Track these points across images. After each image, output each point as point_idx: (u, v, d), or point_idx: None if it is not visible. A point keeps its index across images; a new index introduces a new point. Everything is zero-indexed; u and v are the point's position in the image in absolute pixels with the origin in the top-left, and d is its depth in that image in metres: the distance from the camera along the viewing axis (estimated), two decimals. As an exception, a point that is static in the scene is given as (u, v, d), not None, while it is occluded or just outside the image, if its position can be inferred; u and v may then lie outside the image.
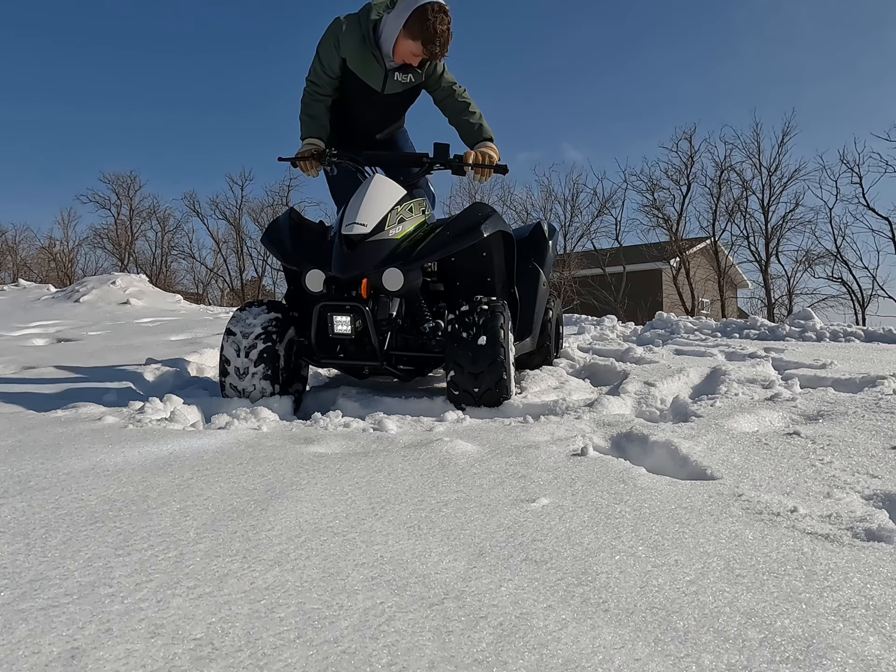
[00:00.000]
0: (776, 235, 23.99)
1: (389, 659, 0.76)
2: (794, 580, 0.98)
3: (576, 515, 1.25)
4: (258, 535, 1.12)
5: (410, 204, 2.59)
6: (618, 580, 0.97)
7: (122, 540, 1.09)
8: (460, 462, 1.62)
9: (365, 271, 2.36)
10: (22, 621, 0.82)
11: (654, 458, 1.74)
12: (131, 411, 2.15)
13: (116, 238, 30.63)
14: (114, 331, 5.37)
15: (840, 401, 2.39)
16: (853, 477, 1.51)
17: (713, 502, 1.33)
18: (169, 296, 10.06)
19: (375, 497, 1.34)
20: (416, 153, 2.80)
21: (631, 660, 0.77)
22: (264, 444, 1.77)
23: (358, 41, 2.66)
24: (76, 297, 8.73)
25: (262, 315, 2.48)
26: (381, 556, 1.05)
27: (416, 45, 2.59)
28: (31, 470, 1.48)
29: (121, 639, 0.79)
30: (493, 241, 2.69)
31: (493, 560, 1.04)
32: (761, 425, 2.09)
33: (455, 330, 2.40)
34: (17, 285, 11.39)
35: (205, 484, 1.41)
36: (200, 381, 2.99)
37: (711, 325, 6.01)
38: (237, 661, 0.75)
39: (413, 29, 2.56)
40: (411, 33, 2.57)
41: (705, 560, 1.05)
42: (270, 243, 2.60)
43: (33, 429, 1.88)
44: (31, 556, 1.02)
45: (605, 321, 7.28)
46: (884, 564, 1.04)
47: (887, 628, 0.85)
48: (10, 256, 30.32)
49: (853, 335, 5.25)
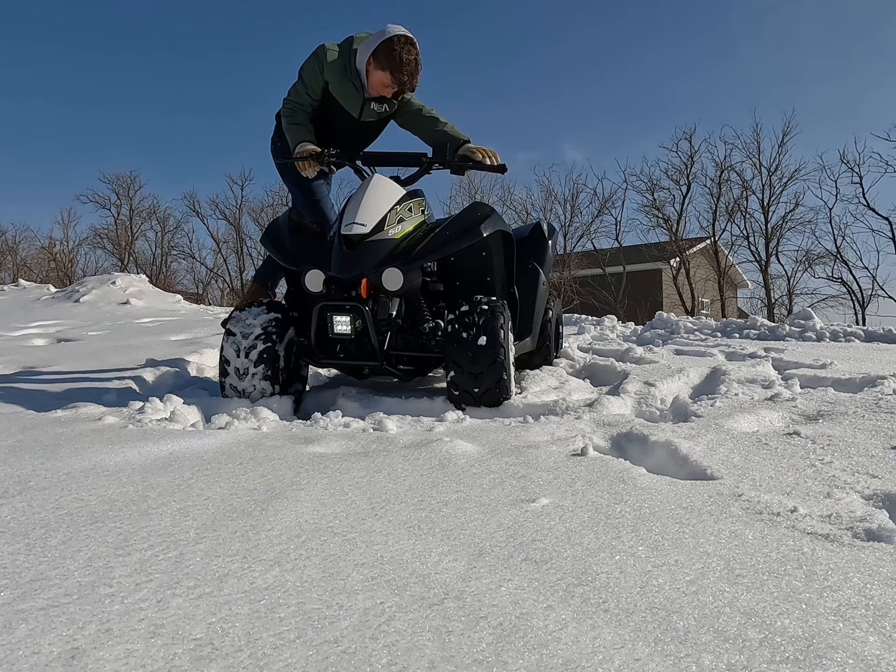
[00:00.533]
0: (776, 235, 23.99)
1: (389, 659, 0.76)
2: (794, 580, 0.98)
3: (576, 515, 1.25)
4: (258, 535, 1.12)
5: (410, 204, 2.59)
6: (618, 580, 0.97)
7: (122, 540, 1.09)
8: (460, 462, 1.62)
9: (364, 271, 2.36)
10: (22, 621, 0.82)
11: (654, 458, 1.74)
12: (131, 411, 2.15)
13: (116, 238, 30.63)
14: (114, 331, 5.37)
15: (840, 401, 2.39)
16: (853, 477, 1.51)
17: (713, 502, 1.33)
18: (169, 296, 10.06)
19: (375, 497, 1.34)
20: (415, 153, 2.80)
21: (631, 660, 0.77)
22: (264, 444, 1.77)
23: (340, 68, 2.79)
24: (76, 297, 8.73)
25: (261, 315, 2.48)
26: (381, 556, 1.05)
27: (386, 76, 2.72)
28: (31, 470, 1.48)
29: (121, 639, 0.79)
30: (493, 240, 2.69)
31: (493, 560, 1.04)
32: (761, 425, 2.09)
33: (455, 330, 2.40)
34: (17, 285, 11.39)
35: (205, 484, 1.41)
36: (200, 381, 2.99)
37: (711, 325, 6.01)
38: (237, 661, 0.75)
39: (381, 60, 2.69)
40: (380, 64, 2.70)
41: (705, 560, 1.05)
42: (270, 243, 2.60)
43: (33, 429, 1.88)
44: (31, 556, 1.02)
45: (605, 321, 7.28)
46: (884, 564, 1.04)
47: (887, 628, 0.85)
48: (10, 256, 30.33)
49: (853, 335, 5.25)
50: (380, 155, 2.90)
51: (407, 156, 2.82)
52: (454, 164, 2.75)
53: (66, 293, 9.39)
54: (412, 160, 2.80)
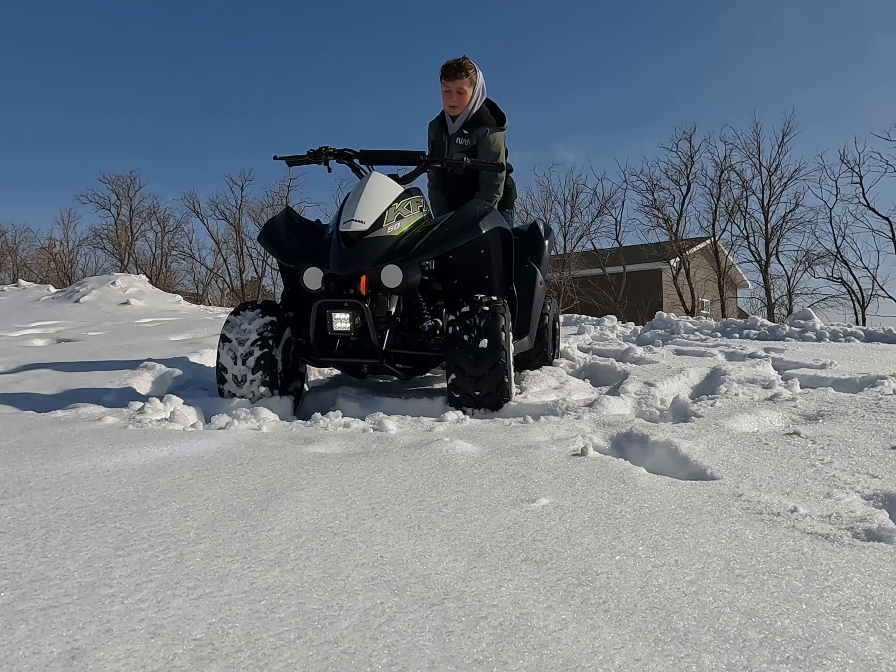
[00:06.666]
0: (776, 235, 23.96)
1: (389, 659, 0.76)
2: (794, 580, 0.98)
3: (576, 515, 1.25)
4: (258, 536, 1.12)
5: (408, 201, 2.59)
6: (618, 580, 0.97)
7: (122, 540, 1.09)
8: (460, 462, 1.61)
9: (363, 268, 2.36)
10: (22, 621, 0.82)
11: (654, 458, 1.74)
12: (131, 412, 2.15)
13: (116, 238, 30.59)
14: (114, 331, 5.37)
15: (840, 401, 2.39)
16: (853, 477, 1.51)
17: (713, 502, 1.33)
18: (169, 296, 10.05)
19: (375, 497, 1.34)
20: (413, 151, 2.80)
21: (631, 660, 0.77)
22: (264, 445, 1.77)
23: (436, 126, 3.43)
24: (76, 298, 8.72)
25: (256, 320, 2.45)
26: (382, 557, 1.05)
27: (442, 84, 3.21)
28: (31, 470, 1.48)
29: (121, 639, 0.79)
30: (492, 238, 2.68)
31: (493, 560, 1.04)
32: (761, 425, 2.09)
33: (456, 332, 2.39)
34: (17, 286, 11.39)
35: (205, 484, 1.41)
36: (200, 381, 2.99)
37: (711, 325, 6.01)
38: (237, 661, 0.75)
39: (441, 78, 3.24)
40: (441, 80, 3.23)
41: (705, 560, 1.05)
42: (267, 242, 2.59)
43: (33, 429, 1.88)
44: (31, 556, 1.02)
45: (605, 321, 7.28)
46: (884, 564, 1.04)
47: (887, 628, 0.85)
48: (10, 257, 30.32)
49: (853, 335, 5.25)
50: (378, 153, 2.90)
51: (405, 154, 2.82)
52: (452, 162, 2.76)
53: (65, 293, 9.39)
54: (410, 158, 2.81)
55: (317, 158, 2.79)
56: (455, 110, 3.24)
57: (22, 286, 11.25)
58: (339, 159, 2.84)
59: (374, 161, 2.85)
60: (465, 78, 3.17)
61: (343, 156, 2.83)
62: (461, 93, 3.19)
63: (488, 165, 2.87)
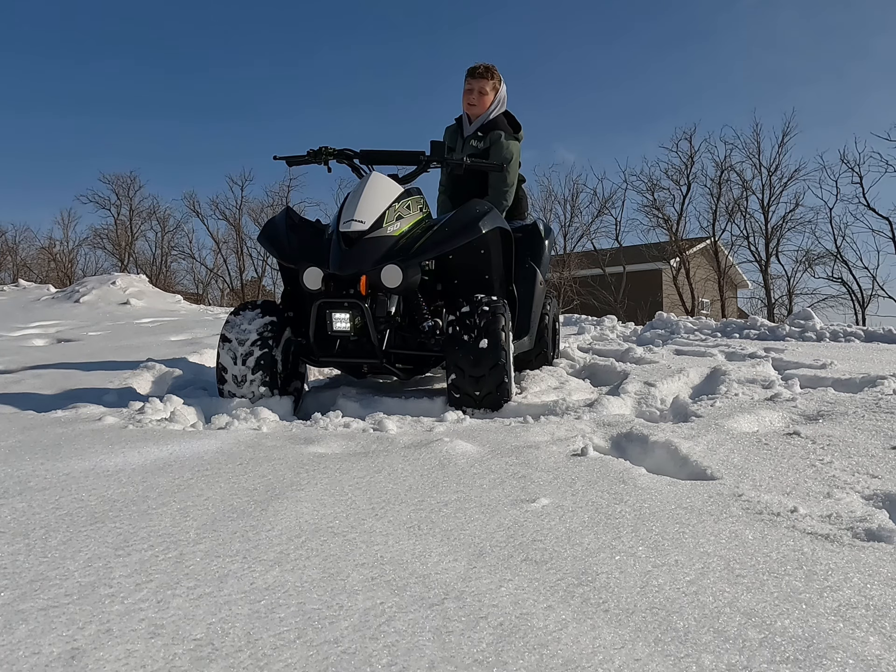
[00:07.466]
0: (776, 235, 23.96)
1: (389, 659, 0.76)
2: (794, 580, 0.98)
3: (576, 515, 1.25)
4: (258, 536, 1.12)
5: (408, 201, 2.59)
6: (618, 580, 0.97)
7: (122, 540, 1.09)
8: (460, 462, 1.61)
9: (363, 268, 2.36)
10: (22, 621, 0.82)
11: (654, 459, 1.74)
12: (131, 412, 2.15)
13: (116, 238, 30.58)
14: (114, 331, 5.37)
15: (840, 401, 2.39)
16: (853, 477, 1.51)
17: (713, 502, 1.33)
18: (169, 296, 10.06)
19: (375, 497, 1.34)
20: (413, 151, 2.80)
21: (631, 660, 0.77)
22: (264, 445, 1.77)
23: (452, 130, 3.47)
24: (76, 298, 8.73)
25: (256, 320, 2.44)
26: (381, 557, 1.05)
27: (466, 82, 3.24)
28: (31, 470, 1.48)
29: (121, 639, 0.79)
30: (492, 237, 2.68)
31: (493, 560, 1.04)
32: (761, 425, 2.09)
33: (456, 332, 2.39)
34: (17, 285, 11.39)
35: (205, 484, 1.41)
36: (200, 381, 2.98)
37: (711, 325, 6.01)
38: (237, 661, 0.75)
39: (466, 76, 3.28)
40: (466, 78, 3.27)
41: (705, 560, 1.05)
42: (267, 242, 2.58)
43: (33, 429, 1.88)
44: (31, 556, 1.02)
45: (605, 321, 7.28)
46: (884, 564, 1.04)
47: (887, 628, 0.85)
48: (10, 257, 30.31)
49: (853, 335, 5.25)
50: (378, 153, 2.90)
51: (405, 154, 2.82)
52: (452, 161, 2.76)
53: (65, 293, 9.39)
54: (410, 158, 2.81)
55: (317, 158, 2.79)
56: (473, 109, 3.25)
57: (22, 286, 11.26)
58: (339, 159, 2.84)
59: (373, 161, 2.85)
60: (490, 80, 3.21)
61: (343, 156, 2.83)
62: (482, 93, 3.21)
63: (488, 165, 2.86)
